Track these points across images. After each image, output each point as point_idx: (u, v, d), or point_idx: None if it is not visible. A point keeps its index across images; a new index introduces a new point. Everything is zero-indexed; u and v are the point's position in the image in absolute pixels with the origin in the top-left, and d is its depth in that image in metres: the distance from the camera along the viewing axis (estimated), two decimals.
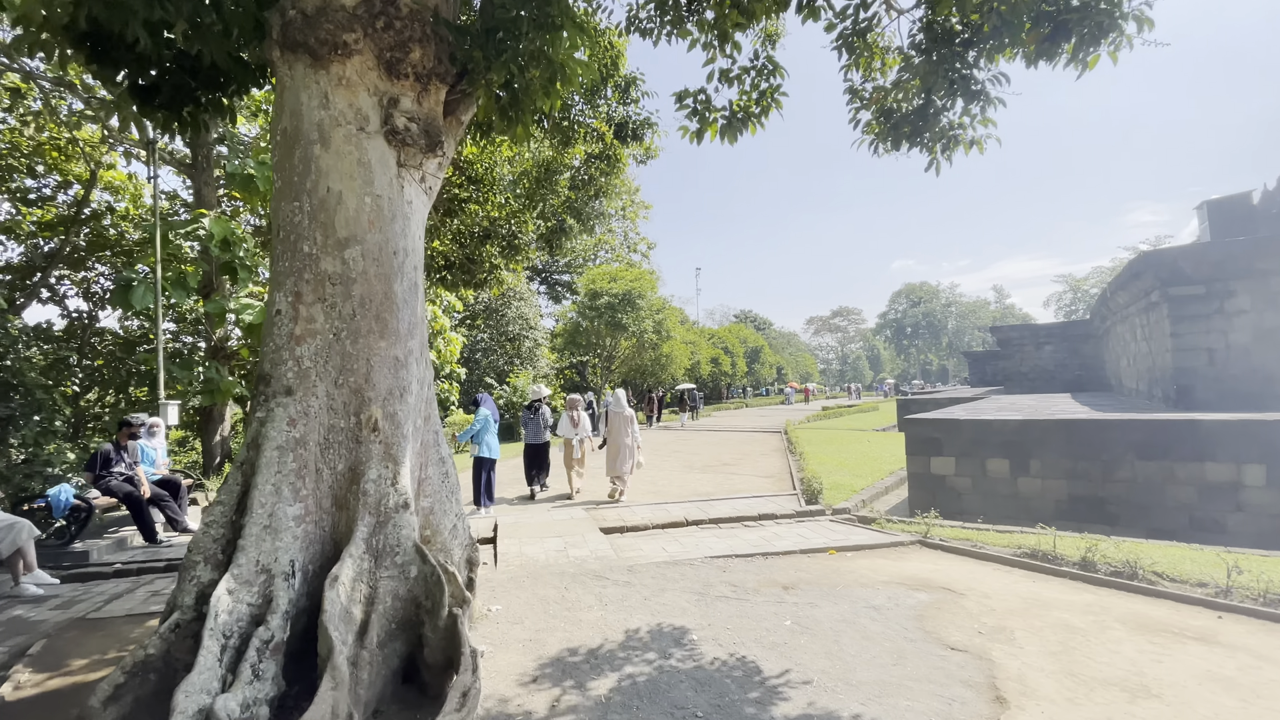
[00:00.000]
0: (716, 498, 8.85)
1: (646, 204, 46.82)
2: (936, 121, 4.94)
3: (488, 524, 7.48)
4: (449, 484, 4.23)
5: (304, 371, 3.39)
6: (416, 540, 3.47)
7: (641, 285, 24.22)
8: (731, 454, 14.36)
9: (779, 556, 5.93)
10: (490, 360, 28.09)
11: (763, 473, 11.44)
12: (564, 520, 7.40)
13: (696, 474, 11.37)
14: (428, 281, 8.40)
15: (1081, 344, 21.06)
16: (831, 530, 6.87)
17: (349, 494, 3.44)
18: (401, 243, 3.73)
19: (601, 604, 4.74)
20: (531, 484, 9.54)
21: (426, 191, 4.04)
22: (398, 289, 3.67)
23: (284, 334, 3.41)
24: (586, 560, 5.80)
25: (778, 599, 4.83)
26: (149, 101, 5.34)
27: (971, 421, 7.75)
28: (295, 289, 3.46)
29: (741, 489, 9.66)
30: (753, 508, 8.05)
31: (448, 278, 8.00)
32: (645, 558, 5.90)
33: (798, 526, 7.13)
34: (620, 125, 7.01)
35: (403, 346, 3.68)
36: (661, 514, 7.82)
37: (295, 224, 3.52)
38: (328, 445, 3.44)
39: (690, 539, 6.61)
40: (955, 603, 4.76)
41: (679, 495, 9.25)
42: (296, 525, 3.27)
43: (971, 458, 7.67)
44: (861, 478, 10.41)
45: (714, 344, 45.59)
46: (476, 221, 7.77)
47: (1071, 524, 7.01)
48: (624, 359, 28.09)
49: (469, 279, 8.00)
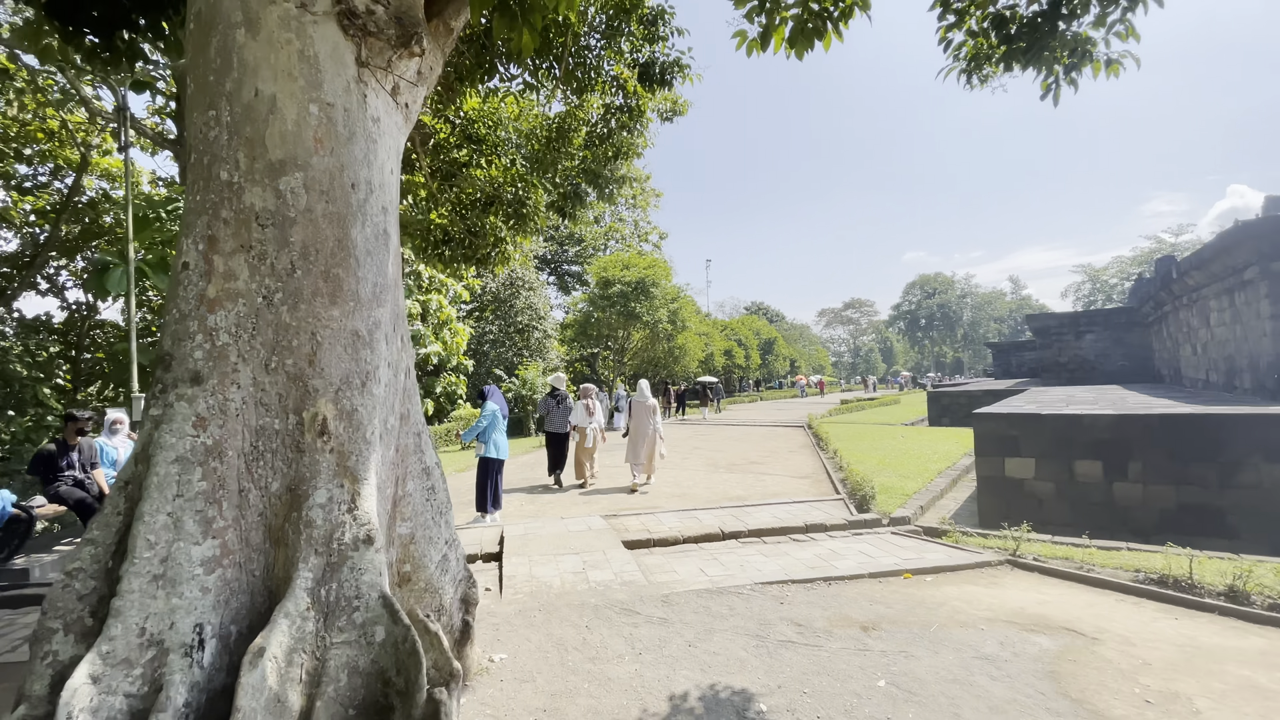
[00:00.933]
0: (751, 503, 7.79)
1: (657, 191, 45.71)
2: (1063, 31, 3.82)
3: (494, 535, 6.47)
4: (436, 502, 3.20)
5: (219, 350, 2.37)
6: (384, 588, 2.45)
7: (655, 273, 23.10)
8: (757, 451, 13.29)
9: (845, 582, 4.86)
10: (499, 352, 27.15)
11: (796, 472, 10.37)
12: (581, 532, 6.37)
13: (723, 474, 10.32)
14: (423, 258, 7.38)
15: (1125, 332, 19.73)
16: (898, 547, 5.79)
17: (287, 525, 2.42)
18: (363, 173, 2.69)
19: (634, 652, 3.70)
20: (553, 473, 9.51)
21: (401, 109, 2.99)
22: (357, 236, 2.63)
23: (191, 297, 2.39)
24: (611, 586, 4.76)
25: (859, 645, 3.77)
26: (72, 23, 4.32)
27: (1056, 417, 6.63)
28: (209, 232, 2.43)
29: (777, 492, 8.60)
30: (797, 516, 6.99)
31: (446, 253, 6.97)
32: (681, 583, 4.86)
33: (855, 541, 6.05)
34: (646, 66, 5.94)
35: (365, 316, 2.65)
36: (692, 523, 6.77)
37: (210, 142, 2.49)
38: (256, 456, 2.42)
39: (732, 557, 5.56)
40: (1090, 651, 3.69)
41: (708, 499, 8.21)
42: (207, 572, 2.25)
43: (1056, 459, 6.56)
44: (909, 479, 9.31)
45: (727, 336, 44.42)
46: (479, 187, 6.73)
47: (1180, 537, 5.90)
48: (636, 351, 27.03)
49: (471, 254, 6.97)
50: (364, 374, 2.61)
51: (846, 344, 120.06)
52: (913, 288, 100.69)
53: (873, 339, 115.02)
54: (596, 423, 9.26)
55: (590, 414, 9.16)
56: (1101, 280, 73.05)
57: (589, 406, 9.18)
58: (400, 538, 2.99)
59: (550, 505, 8.17)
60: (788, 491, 8.63)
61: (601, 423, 9.42)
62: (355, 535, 2.44)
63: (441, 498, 3.23)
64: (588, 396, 9.29)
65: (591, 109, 6.63)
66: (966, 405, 19.18)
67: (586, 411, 9.15)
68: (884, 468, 10.28)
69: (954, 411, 19.21)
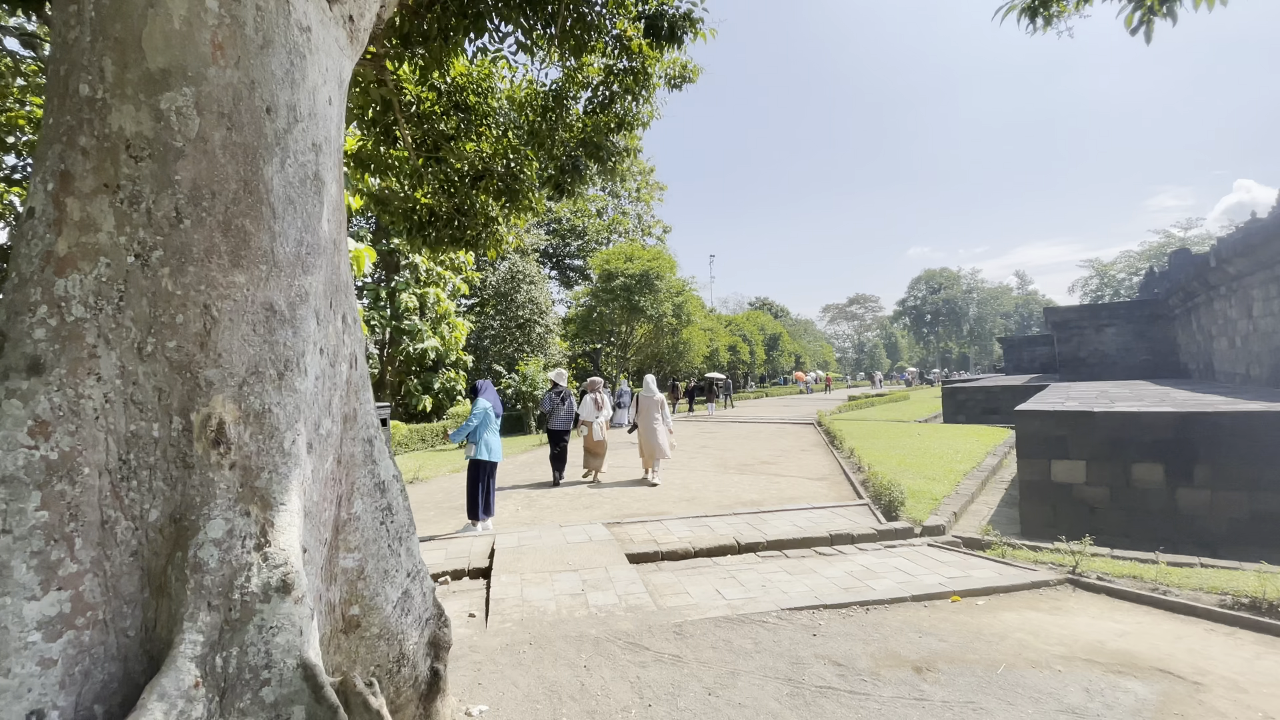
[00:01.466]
0: (767, 509, 7.13)
1: (661, 185, 44.99)
2: None
3: (484, 547, 5.83)
4: (394, 525, 2.55)
5: (71, 328, 1.72)
6: (306, 653, 1.79)
7: (660, 266, 22.40)
8: (768, 450, 12.62)
9: (886, 608, 4.20)
10: (500, 348, 26.54)
11: (811, 473, 9.70)
12: (581, 544, 5.72)
13: (734, 475, 9.65)
14: (407, 241, 6.72)
15: (1148, 326, 18.97)
16: (939, 562, 5.12)
17: (169, 569, 1.77)
18: (283, 95, 2.02)
19: (642, 702, 3.05)
20: (556, 470, 9.34)
21: (342, 22, 2.33)
22: (273, 177, 1.97)
23: (35, 255, 1.73)
24: (614, 613, 4.11)
25: (915, 692, 3.11)
26: None
27: (1111, 415, 5.94)
28: (60, 167, 1.77)
29: (794, 496, 7.93)
30: (819, 524, 6.33)
31: (431, 235, 6.30)
32: (696, 608, 4.20)
33: (889, 556, 5.39)
34: (653, 19, 5.27)
35: (284, 285, 1.99)
36: (704, 532, 6.12)
37: (70, 46, 1.83)
38: (127, 474, 1.76)
39: (751, 575, 4.90)
40: (1196, 701, 3.02)
41: (719, 504, 7.55)
42: (49, 638, 1.60)
43: (1110, 461, 5.88)
44: (935, 481, 8.64)
45: (731, 331, 43.71)
46: (467, 160, 6.06)
47: (1256, 550, 5.22)
48: (640, 346, 26.35)
49: (459, 236, 6.30)
50: (282, 362, 1.95)
51: (851, 340, 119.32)
52: (918, 283, 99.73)
53: (877, 335, 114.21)
54: (604, 417, 9.22)
55: (598, 408, 9.19)
56: (1109, 275, 72.26)
57: (596, 400, 9.21)
58: (345, 573, 2.34)
59: (549, 511, 7.53)
60: (805, 495, 7.97)
61: (609, 417, 9.40)
62: (265, 581, 1.79)
63: (401, 520, 2.58)
64: (595, 390, 9.34)
65: (592, 74, 5.95)
66: (983, 401, 18.49)
67: (595, 406, 9.18)
68: (905, 468, 9.61)
69: (970, 408, 18.51)
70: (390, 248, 20.39)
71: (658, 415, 9.09)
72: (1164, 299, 18.23)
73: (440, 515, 7.52)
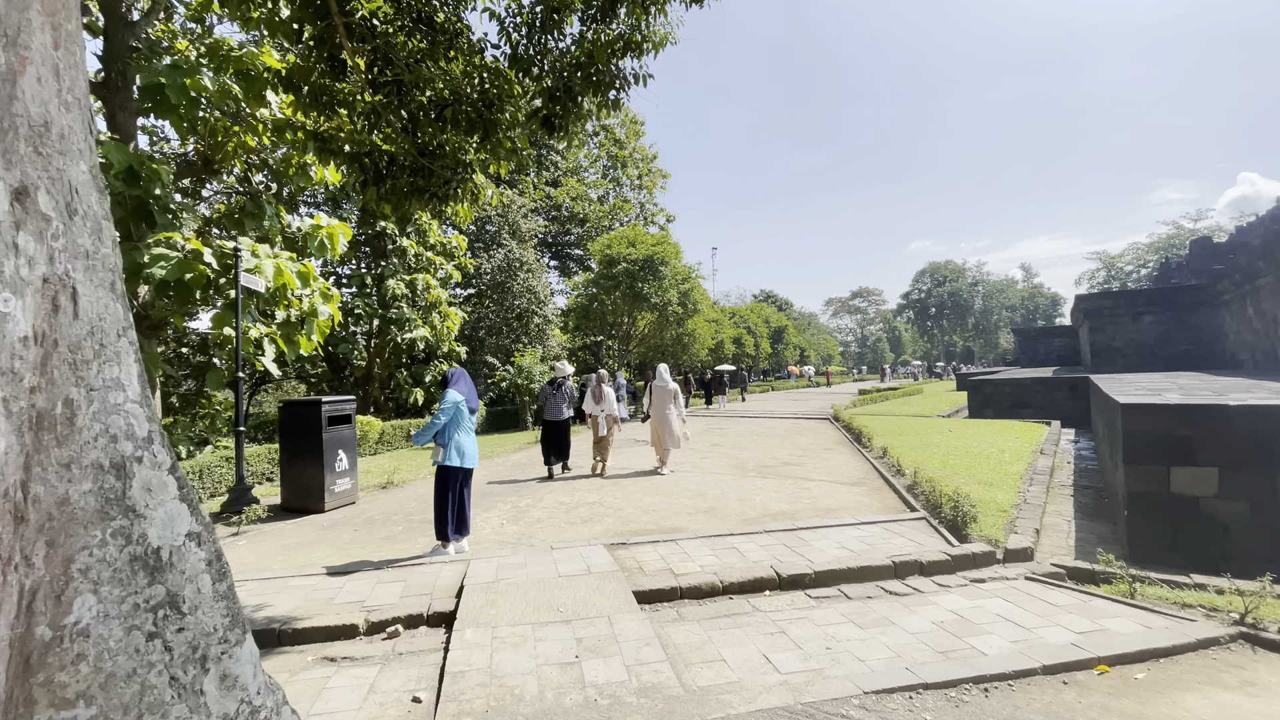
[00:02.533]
0: (803, 523, 5.86)
1: (664, 173, 43.55)
2: None
3: (453, 577, 4.57)
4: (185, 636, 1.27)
5: None
6: None
7: (665, 251, 21.03)
8: (787, 449, 11.35)
9: (1010, 686, 2.93)
10: (496, 340, 25.23)
11: (843, 476, 8.43)
12: (576, 576, 4.45)
13: (755, 479, 8.38)
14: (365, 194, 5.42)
15: (1189, 313, 17.63)
16: (1051, 605, 3.85)
17: None
18: None
19: None
20: (549, 464, 8.94)
21: None
22: None
23: None
24: (620, 698, 2.84)
25: None
26: None
27: (1253, 411, 4.64)
28: None
29: (831, 507, 6.67)
30: (874, 547, 5.06)
31: (387, 185, 5.00)
32: (740, 691, 2.92)
33: (981, 595, 4.11)
34: None
35: None
36: (731, 557, 4.85)
37: None
38: None
39: (806, 628, 3.62)
40: None
41: (743, 516, 6.29)
42: None
43: (1253, 469, 4.60)
44: (993, 487, 7.38)
45: (736, 323, 42.39)
46: (432, 86, 4.76)
47: None
48: (643, 337, 25.03)
49: (424, 187, 5.01)
50: None
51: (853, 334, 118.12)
52: (923, 275, 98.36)
53: (880, 328, 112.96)
54: (608, 409, 8.85)
55: (598, 401, 8.81)
56: (1116, 268, 71.13)
57: (596, 393, 8.86)
58: None
59: (539, 525, 6.27)
60: (843, 505, 6.70)
61: (614, 408, 8.98)
62: None
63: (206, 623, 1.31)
64: (600, 382, 9.01)
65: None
66: (1012, 395, 17.20)
67: (594, 399, 8.83)
68: (952, 471, 8.34)
69: (998, 402, 17.21)
70: (378, 231, 19.10)
71: (671, 405, 8.90)
72: (1209, 284, 16.89)
73: (409, 531, 6.26)
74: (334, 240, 11.27)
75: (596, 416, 8.77)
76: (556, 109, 4.73)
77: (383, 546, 5.70)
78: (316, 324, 10.63)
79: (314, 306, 10.51)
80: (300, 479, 7.15)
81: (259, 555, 5.58)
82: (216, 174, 11.36)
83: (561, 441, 8.96)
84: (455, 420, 5.24)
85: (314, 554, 5.53)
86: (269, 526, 6.59)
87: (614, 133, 39.64)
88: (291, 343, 10.70)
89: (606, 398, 8.82)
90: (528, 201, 28.78)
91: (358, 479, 7.86)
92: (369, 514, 7.02)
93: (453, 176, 4.92)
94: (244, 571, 5.06)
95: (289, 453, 7.26)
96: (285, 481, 7.30)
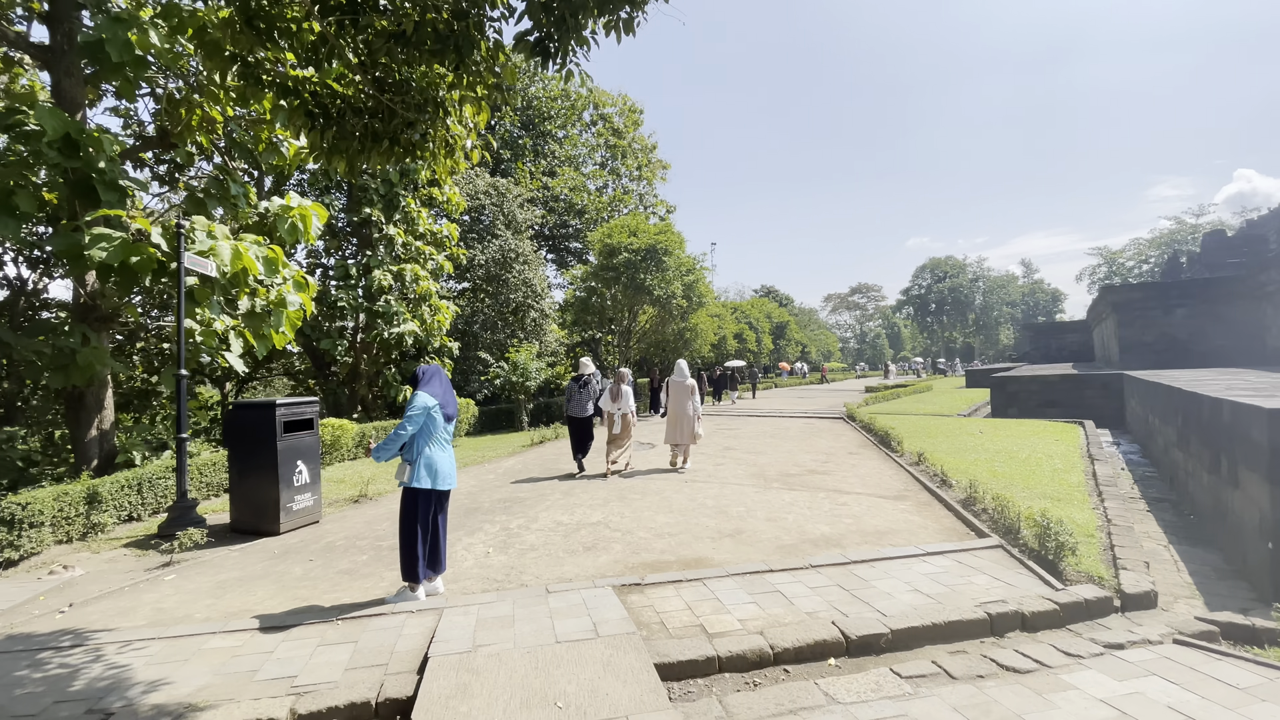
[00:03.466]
0: (854, 555, 4.80)
1: (665, 163, 42.37)
2: None
3: (419, 637, 3.50)
4: None
5: None
6: None
7: (668, 240, 19.91)
8: (808, 453, 10.29)
9: None
10: (491, 335, 24.13)
11: (880, 488, 7.38)
12: (579, 641, 3.38)
13: (781, 491, 7.32)
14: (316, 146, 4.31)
15: (1225, 306, 16.62)
16: (1234, 689, 2.79)
17: None
18: None
19: None
20: (577, 458, 8.98)
21: None
22: None
23: None
24: None
25: None
26: None
27: None
28: None
29: (879, 528, 5.61)
30: (953, 589, 4.01)
31: (333, 130, 3.91)
32: None
33: (1130, 672, 3.05)
34: None
35: None
36: (776, 605, 3.80)
37: None
38: None
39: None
40: None
41: (776, 541, 5.22)
42: None
43: None
44: (1061, 502, 6.34)
45: (738, 319, 41.33)
46: (393, 3, 3.66)
47: None
48: (643, 333, 23.93)
49: (384, 131, 3.92)
50: None
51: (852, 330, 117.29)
52: (923, 271, 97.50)
53: (879, 324, 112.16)
54: (624, 407, 8.66)
55: (615, 399, 8.66)
56: (1118, 263, 70.68)
57: (614, 391, 8.75)
58: None
59: (532, 554, 5.19)
60: (895, 527, 5.64)
61: (631, 406, 8.75)
62: None
63: None
64: (620, 381, 8.87)
65: None
66: (1039, 393, 16.18)
67: (611, 396, 8.71)
68: (1003, 480, 7.30)
69: (1023, 401, 16.19)
70: (364, 218, 17.94)
71: (690, 401, 8.85)
72: (1248, 275, 15.89)
73: (375, 561, 5.18)
74: (307, 222, 10.13)
75: (613, 414, 8.68)
76: (550, 31, 3.63)
77: (339, 584, 4.62)
78: (286, 315, 9.53)
79: (282, 296, 9.40)
80: (251, 495, 6.07)
81: (185, 596, 4.50)
82: (175, 148, 10.23)
83: (584, 437, 9.00)
84: (426, 430, 4.16)
85: (253, 595, 4.46)
86: (209, 555, 5.50)
87: (612, 121, 38.48)
88: (262, 337, 9.59)
89: (624, 395, 8.69)
90: (524, 191, 27.63)
91: (321, 493, 6.78)
92: (331, 537, 5.94)
93: (419, 118, 3.82)
94: (157, 623, 3.99)
95: (238, 465, 6.17)
96: (235, 498, 6.22)
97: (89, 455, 9.36)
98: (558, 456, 10.80)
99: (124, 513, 6.69)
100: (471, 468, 10.10)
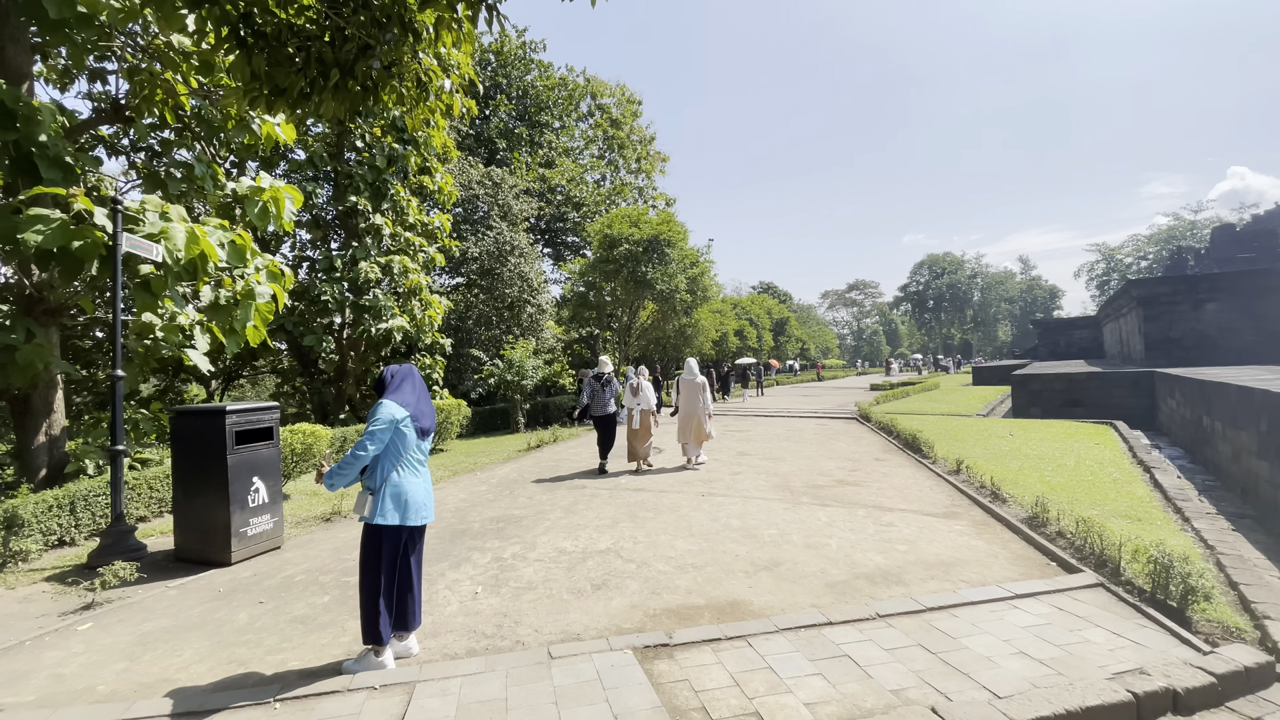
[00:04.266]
0: (924, 598, 3.92)
1: (664, 155, 41.37)
2: None
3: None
4: None
5: None
6: None
7: (670, 232, 18.99)
8: (830, 459, 9.41)
9: None
10: (485, 330, 23.19)
11: (922, 503, 6.50)
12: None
13: (812, 507, 6.43)
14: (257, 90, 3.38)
15: (1256, 300, 15.85)
16: None
17: None
18: None
19: None
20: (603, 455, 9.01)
21: None
22: None
23: None
24: None
25: None
26: None
27: None
28: None
29: (940, 557, 4.73)
30: (1066, 649, 3.14)
31: (274, 55, 2.99)
32: None
33: None
34: None
35: None
36: (848, 679, 2.91)
37: None
38: None
39: None
40: None
41: (825, 579, 4.33)
42: None
43: None
44: (1141, 521, 5.48)
45: (738, 315, 40.48)
46: None
47: None
48: (644, 330, 23.00)
49: (336, 60, 3.01)
50: None
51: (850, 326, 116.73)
52: (921, 267, 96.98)
53: (876, 321, 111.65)
54: (643, 404, 8.71)
55: (635, 395, 8.73)
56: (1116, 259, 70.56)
57: (634, 387, 8.83)
58: None
59: (529, 594, 4.29)
60: (957, 556, 4.76)
61: (651, 403, 8.79)
62: None
63: None
64: (640, 377, 8.97)
65: None
66: (1063, 392, 15.37)
67: (631, 393, 8.80)
68: (1065, 494, 6.44)
69: (1047, 400, 15.38)
70: (350, 206, 16.94)
71: (700, 398, 8.95)
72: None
73: (339, 604, 4.27)
74: (279, 205, 9.15)
75: (633, 410, 8.73)
76: None
77: (290, 638, 3.71)
78: (255, 308, 8.58)
79: (249, 287, 8.45)
80: (198, 519, 5.14)
81: (96, 656, 3.58)
82: (131, 122, 9.24)
83: (610, 434, 9.01)
84: (394, 449, 3.24)
85: (179, 655, 3.54)
86: (140, 593, 4.57)
87: (610, 112, 37.49)
88: (231, 332, 8.63)
89: (644, 392, 8.73)
90: (519, 182, 26.63)
91: (284, 514, 5.86)
92: (291, 569, 5.02)
93: (379, 40, 2.89)
94: (46, 702, 3.06)
95: (183, 482, 5.23)
96: (179, 522, 5.29)
97: (36, 465, 8.39)
98: (557, 463, 9.90)
99: (54, 536, 5.75)
100: (462, 476, 9.19)
